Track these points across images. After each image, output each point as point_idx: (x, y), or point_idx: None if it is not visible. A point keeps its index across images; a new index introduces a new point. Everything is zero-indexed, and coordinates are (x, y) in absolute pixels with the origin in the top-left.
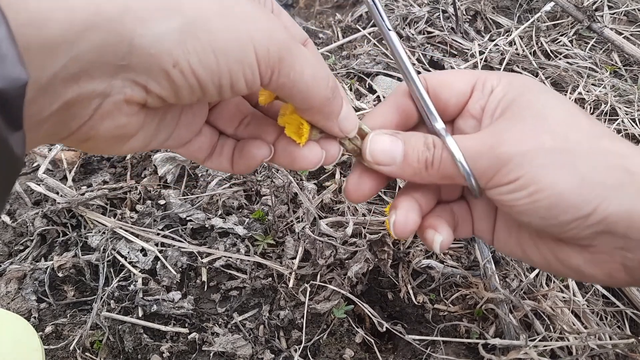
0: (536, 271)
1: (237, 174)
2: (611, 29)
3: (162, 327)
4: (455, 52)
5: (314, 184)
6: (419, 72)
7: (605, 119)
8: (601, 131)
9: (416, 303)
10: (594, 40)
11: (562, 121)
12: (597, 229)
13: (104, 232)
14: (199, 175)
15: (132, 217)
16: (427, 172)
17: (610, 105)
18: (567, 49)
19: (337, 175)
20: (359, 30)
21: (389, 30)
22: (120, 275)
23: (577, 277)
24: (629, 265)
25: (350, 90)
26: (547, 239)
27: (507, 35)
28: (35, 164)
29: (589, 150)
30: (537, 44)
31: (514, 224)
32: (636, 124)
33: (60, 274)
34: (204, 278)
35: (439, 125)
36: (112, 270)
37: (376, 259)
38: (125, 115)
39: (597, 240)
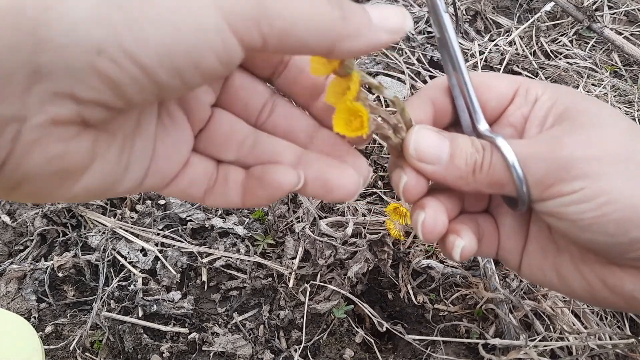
0: None
1: (250, 207)
2: (611, 29)
3: (162, 327)
4: None
5: None
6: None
7: None
8: None
9: (416, 303)
10: (594, 40)
11: (624, 130)
12: None
13: (104, 232)
14: None
15: (132, 217)
16: (473, 177)
17: (610, 105)
18: (567, 49)
19: None
20: None
21: (445, 12)
22: (120, 275)
23: (629, 306)
24: None
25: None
26: (594, 261)
27: (507, 35)
28: None
29: None
30: (537, 44)
31: (553, 246)
32: (636, 124)
33: (60, 274)
34: (204, 278)
35: (483, 126)
36: (112, 270)
37: (376, 259)
38: (60, 141)
39: None
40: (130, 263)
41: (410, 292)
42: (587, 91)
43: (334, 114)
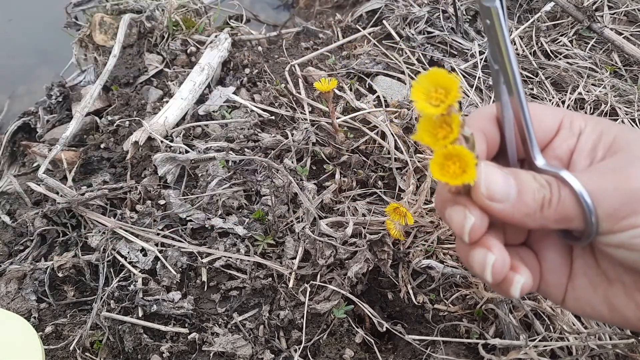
0: None
1: None
2: (611, 29)
3: (162, 327)
4: (455, 52)
5: (314, 184)
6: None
7: None
8: None
9: (416, 303)
10: (594, 40)
11: None
12: None
13: (104, 232)
14: (199, 175)
15: (132, 217)
16: (541, 213)
17: (610, 106)
18: (567, 49)
19: (337, 176)
20: (359, 30)
21: (509, 45)
22: (120, 275)
23: None
24: None
25: (351, 90)
26: None
27: None
28: (35, 164)
29: None
30: (537, 44)
31: (603, 278)
32: (636, 124)
33: (60, 274)
34: (204, 278)
35: (541, 160)
36: (112, 270)
37: (376, 259)
38: None
39: None
40: (130, 263)
41: (410, 292)
42: (587, 91)
43: (432, 158)
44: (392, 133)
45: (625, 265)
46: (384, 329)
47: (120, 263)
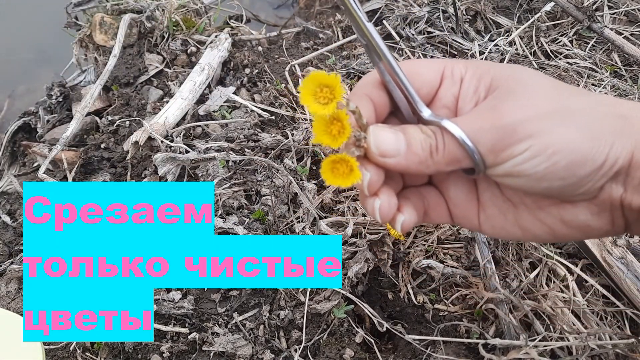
0: (536, 271)
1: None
2: (611, 29)
3: (162, 327)
4: (455, 52)
5: (314, 184)
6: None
7: None
8: (584, 90)
9: (416, 303)
10: (594, 40)
11: (549, 88)
12: (608, 176)
13: None
14: (199, 175)
15: None
16: (432, 160)
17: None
18: (567, 49)
19: None
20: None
21: (367, 22)
22: None
23: (584, 234)
24: (629, 216)
25: (350, 90)
26: (549, 205)
27: (507, 36)
28: (35, 164)
29: (584, 105)
30: (537, 44)
31: (509, 204)
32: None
33: None
34: None
35: (426, 112)
36: None
37: (376, 259)
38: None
39: (603, 190)
40: None
41: (410, 292)
42: None
43: (322, 164)
44: None
45: (519, 190)
46: (384, 329)
47: None
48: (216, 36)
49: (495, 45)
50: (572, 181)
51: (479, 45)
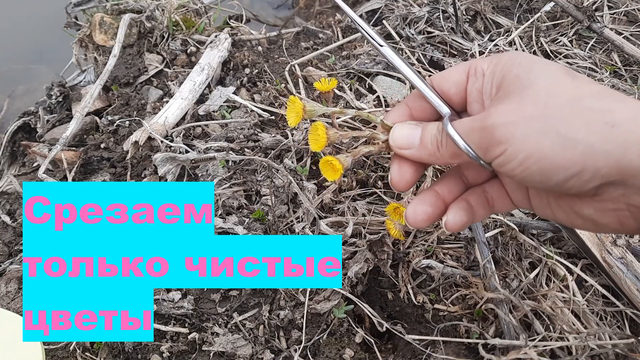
0: (536, 271)
1: None
2: (611, 29)
3: (162, 327)
4: (455, 52)
5: (314, 184)
6: (419, 72)
7: None
8: (587, 91)
9: (416, 303)
10: (594, 40)
11: (544, 88)
12: (595, 182)
13: None
14: (199, 175)
15: None
16: (439, 153)
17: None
18: (567, 49)
19: None
20: (359, 31)
21: (382, 45)
22: None
23: (594, 227)
24: (634, 211)
25: (351, 90)
26: (563, 196)
27: (507, 36)
28: (35, 164)
29: (570, 112)
30: (537, 44)
31: (537, 192)
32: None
33: None
34: None
35: (445, 110)
36: None
37: (376, 259)
38: None
39: (602, 190)
40: None
41: (410, 292)
42: None
43: (320, 162)
44: None
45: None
46: (384, 329)
47: None
48: (216, 36)
49: (495, 45)
50: (550, 184)
51: (478, 45)
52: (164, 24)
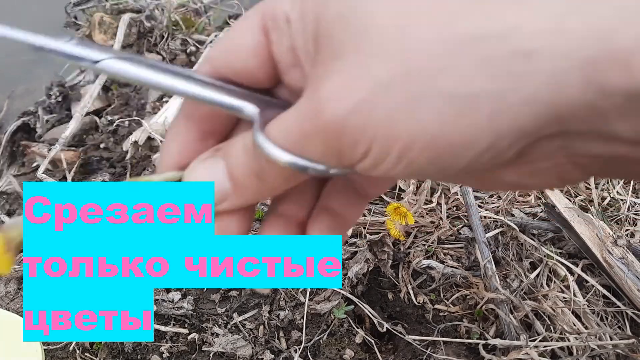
0: (537, 271)
1: None
2: None
3: (162, 328)
4: None
5: None
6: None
7: None
8: (457, 10)
9: (416, 303)
10: None
11: (392, 33)
12: (518, 146)
13: None
14: None
15: None
16: (267, 186)
17: None
18: None
19: None
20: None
21: (96, 62)
22: None
23: (522, 189)
24: (579, 162)
25: None
26: (470, 171)
27: None
28: (34, 164)
29: (450, 54)
30: None
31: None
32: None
33: None
34: None
35: (248, 111)
36: None
37: (376, 259)
38: None
39: (529, 151)
40: None
41: (411, 292)
42: None
43: None
44: None
45: None
46: (384, 329)
47: None
48: (216, 36)
49: None
50: (451, 172)
51: None
52: (164, 24)
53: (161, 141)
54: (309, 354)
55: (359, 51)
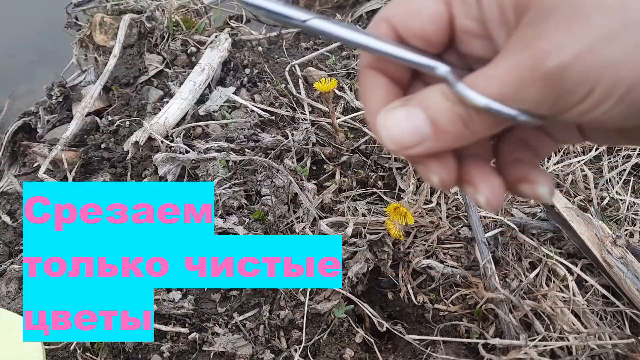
0: (536, 271)
1: None
2: None
3: (163, 327)
4: None
5: (314, 184)
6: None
7: None
8: None
9: (416, 303)
10: None
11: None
12: None
13: None
14: (200, 175)
15: None
16: (469, 131)
17: None
18: None
19: (337, 176)
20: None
21: (304, 21)
22: None
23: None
24: None
25: (351, 90)
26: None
27: None
28: (35, 164)
29: None
30: None
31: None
32: None
33: None
34: None
35: (442, 68)
36: None
37: (376, 259)
38: None
39: None
40: None
41: (410, 292)
42: None
43: None
44: None
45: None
46: (384, 329)
47: None
48: (216, 36)
49: None
50: None
51: None
52: (164, 24)
53: (165, 140)
54: (309, 353)
55: (575, 10)
